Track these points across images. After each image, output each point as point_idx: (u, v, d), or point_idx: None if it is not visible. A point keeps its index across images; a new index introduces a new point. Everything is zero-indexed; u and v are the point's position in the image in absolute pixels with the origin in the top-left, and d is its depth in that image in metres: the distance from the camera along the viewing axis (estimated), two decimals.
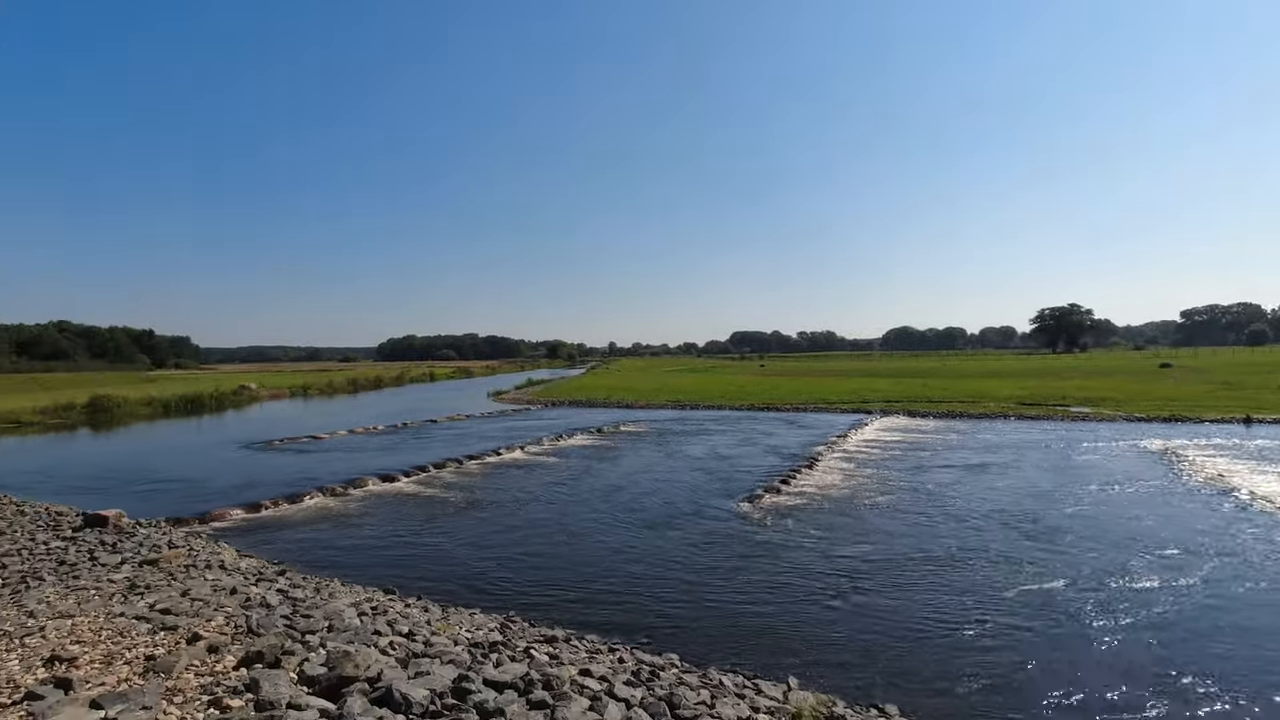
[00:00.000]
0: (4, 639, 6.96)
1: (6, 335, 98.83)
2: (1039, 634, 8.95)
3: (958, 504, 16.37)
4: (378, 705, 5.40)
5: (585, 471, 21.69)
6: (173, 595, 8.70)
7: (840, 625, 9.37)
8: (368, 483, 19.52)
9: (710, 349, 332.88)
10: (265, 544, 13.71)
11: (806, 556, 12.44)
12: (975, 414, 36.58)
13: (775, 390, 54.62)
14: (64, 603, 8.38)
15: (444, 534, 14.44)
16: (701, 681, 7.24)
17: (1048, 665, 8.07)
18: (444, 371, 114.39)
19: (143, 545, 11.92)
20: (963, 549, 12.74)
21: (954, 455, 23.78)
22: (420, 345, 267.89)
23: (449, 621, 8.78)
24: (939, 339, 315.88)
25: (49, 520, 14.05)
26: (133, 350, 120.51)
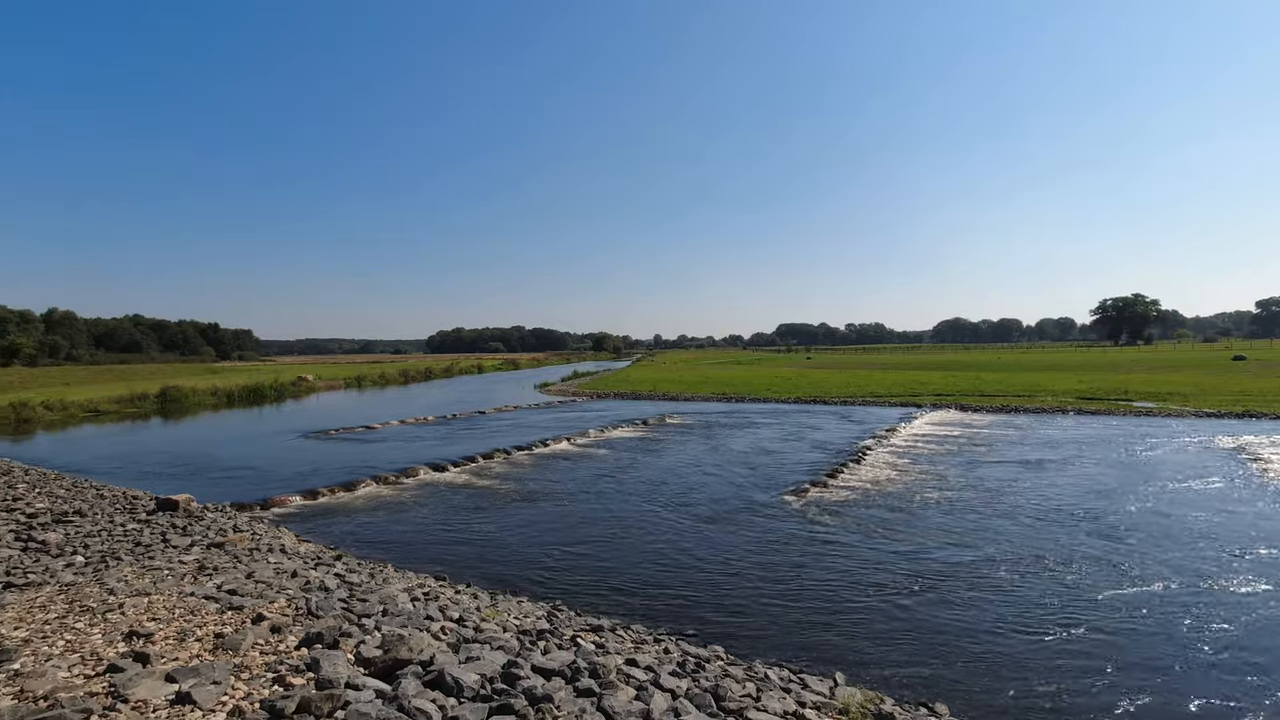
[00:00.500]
0: (88, 614, 7.42)
1: (86, 329, 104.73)
2: (1103, 639, 8.62)
3: (1015, 501, 15.87)
4: (431, 688, 5.57)
5: (631, 463, 21.81)
6: (238, 577, 9.12)
7: (889, 622, 9.22)
8: (419, 472, 20.04)
9: (755, 341, 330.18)
10: (323, 530, 14.24)
11: (853, 551, 12.26)
12: (1031, 408, 35.32)
13: (822, 383, 53.81)
14: (140, 581, 8.88)
15: (492, 523, 14.74)
16: (747, 674, 7.23)
17: (1114, 673, 7.78)
18: (492, 364, 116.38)
19: (210, 529, 12.53)
20: (1021, 548, 12.36)
21: (1010, 451, 23.04)
22: (469, 338, 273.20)
23: (497, 608, 8.97)
24: (993, 331, 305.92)
25: (126, 504, 14.88)
26: (199, 342, 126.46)
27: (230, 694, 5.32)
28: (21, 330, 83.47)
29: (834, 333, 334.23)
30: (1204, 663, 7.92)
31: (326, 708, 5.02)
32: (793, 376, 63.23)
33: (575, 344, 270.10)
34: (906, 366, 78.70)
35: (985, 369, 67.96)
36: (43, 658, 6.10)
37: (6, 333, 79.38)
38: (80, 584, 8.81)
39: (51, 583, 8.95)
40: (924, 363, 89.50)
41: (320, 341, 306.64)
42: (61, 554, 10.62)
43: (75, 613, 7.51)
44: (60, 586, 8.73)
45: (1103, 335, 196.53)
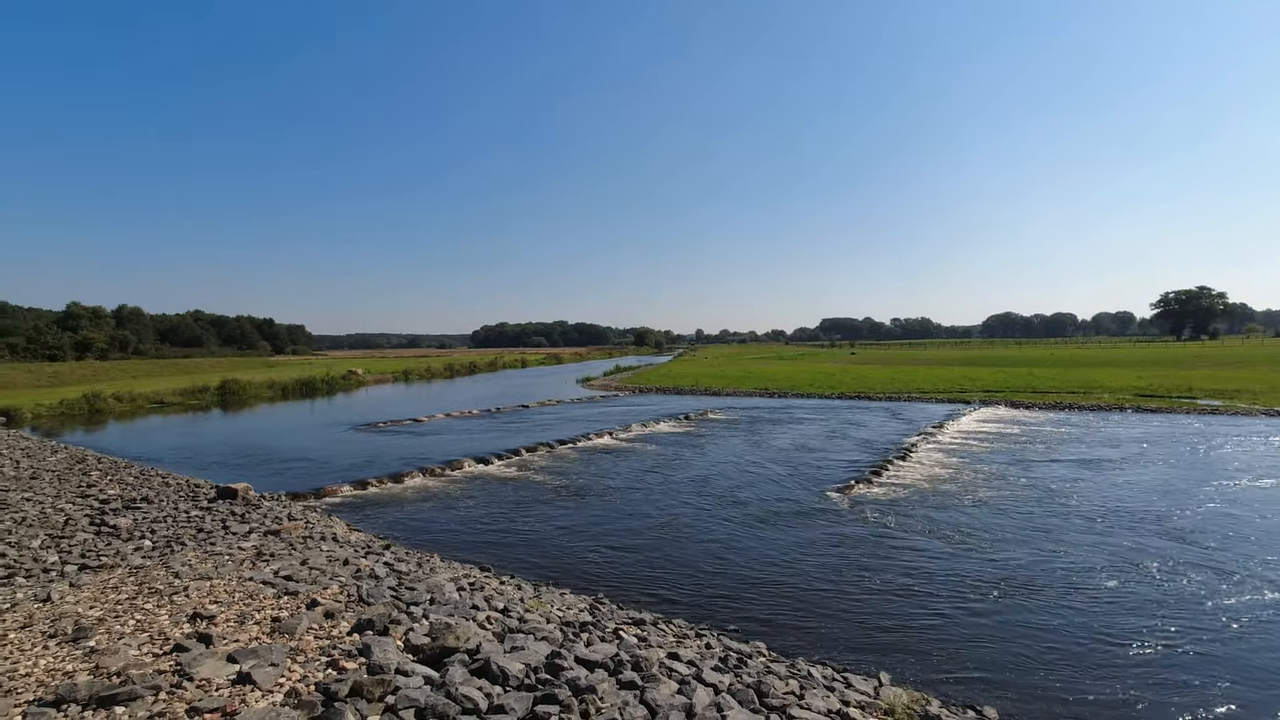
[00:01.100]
0: (155, 596, 7.80)
1: (152, 324, 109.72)
2: (1165, 646, 8.28)
3: (1070, 501, 15.32)
4: (477, 676, 5.68)
5: (673, 458, 21.81)
6: (293, 564, 9.45)
7: (935, 623, 9.01)
8: (464, 464, 20.42)
9: (799, 336, 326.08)
10: (372, 519, 14.65)
11: (898, 549, 12.03)
12: (1087, 406, 34.00)
13: (866, 379, 52.84)
14: (203, 566, 9.29)
15: (535, 516, 14.93)
16: (790, 671, 7.17)
17: (1180, 684, 7.47)
18: (535, 358, 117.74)
19: (266, 517, 13.01)
20: (1077, 550, 11.93)
21: (1064, 449, 22.24)
22: (512, 332, 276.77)
23: (540, 600, 9.09)
24: (1045, 326, 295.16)
25: (189, 491, 15.56)
26: (256, 337, 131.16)
27: (287, 676, 5.52)
28: (94, 326, 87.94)
29: (879, 327, 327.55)
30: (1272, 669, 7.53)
31: (378, 692, 5.17)
32: (836, 372, 62.24)
33: (617, 339, 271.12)
34: (954, 362, 76.61)
35: (1038, 365, 65.67)
36: (115, 636, 6.44)
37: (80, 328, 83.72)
38: (148, 567, 9.26)
39: (122, 565, 9.43)
40: (973, 358, 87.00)
41: (369, 336, 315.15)
42: (131, 538, 11.18)
43: (144, 594, 7.90)
44: (130, 569, 9.19)
45: (1164, 330, 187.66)
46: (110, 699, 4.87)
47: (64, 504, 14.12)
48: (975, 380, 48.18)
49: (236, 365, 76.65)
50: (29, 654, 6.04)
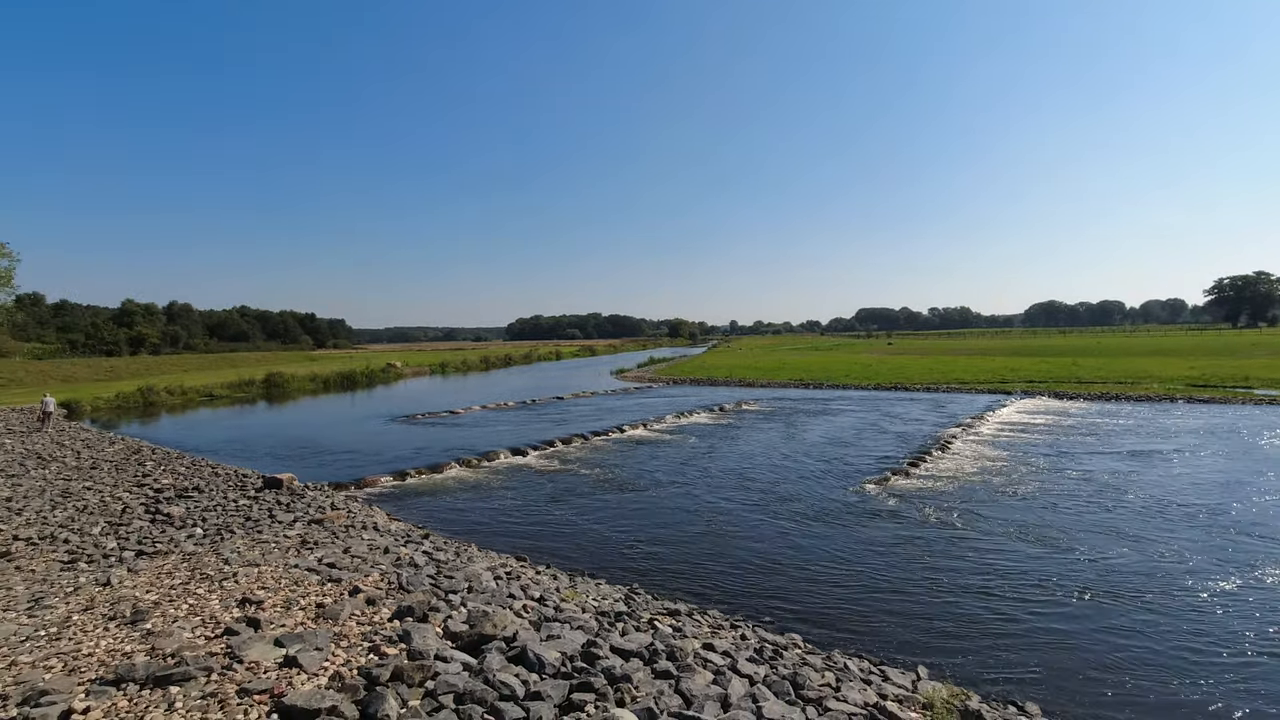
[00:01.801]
0: (207, 581, 8.09)
1: (200, 320, 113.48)
2: (1213, 642, 7.99)
3: (1122, 495, 14.85)
4: (514, 663, 5.77)
5: (708, 449, 21.76)
6: (336, 552, 9.71)
7: (974, 618, 8.84)
8: (500, 456, 20.69)
9: (834, 327, 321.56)
10: (411, 509, 14.95)
11: (936, 543, 11.82)
12: (1135, 396, 32.86)
13: (904, 369, 51.90)
14: (251, 553, 9.60)
15: (570, 506, 15.06)
16: (826, 664, 7.12)
17: (1229, 683, 7.21)
18: (569, 350, 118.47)
19: (310, 506, 13.38)
20: (1124, 546, 11.57)
21: (1112, 441, 21.54)
22: (547, 325, 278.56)
23: (576, 589, 9.18)
24: (1091, 314, 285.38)
25: (237, 481, 16.08)
26: (298, 331, 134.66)
27: (331, 660, 5.69)
28: (147, 322, 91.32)
29: (916, 317, 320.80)
30: None
31: (418, 677, 5.29)
32: (873, 363, 61.27)
33: (651, 330, 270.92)
34: (995, 352, 74.74)
35: (1083, 354, 63.66)
36: (170, 619, 6.71)
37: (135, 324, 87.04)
38: (200, 554, 9.62)
39: (176, 552, 9.81)
40: (1014, 348, 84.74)
41: (406, 330, 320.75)
42: (184, 526, 11.62)
43: (196, 579, 8.21)
44: (183, 555, 9.56)
45: (1219, 317, 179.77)
46: (166, 679, 5.08)
47: (121, 493, 14.73)
48: (1017, 371, 46.94)
49: (280, 359, 78.83)
50: (91, 635, 6.33)
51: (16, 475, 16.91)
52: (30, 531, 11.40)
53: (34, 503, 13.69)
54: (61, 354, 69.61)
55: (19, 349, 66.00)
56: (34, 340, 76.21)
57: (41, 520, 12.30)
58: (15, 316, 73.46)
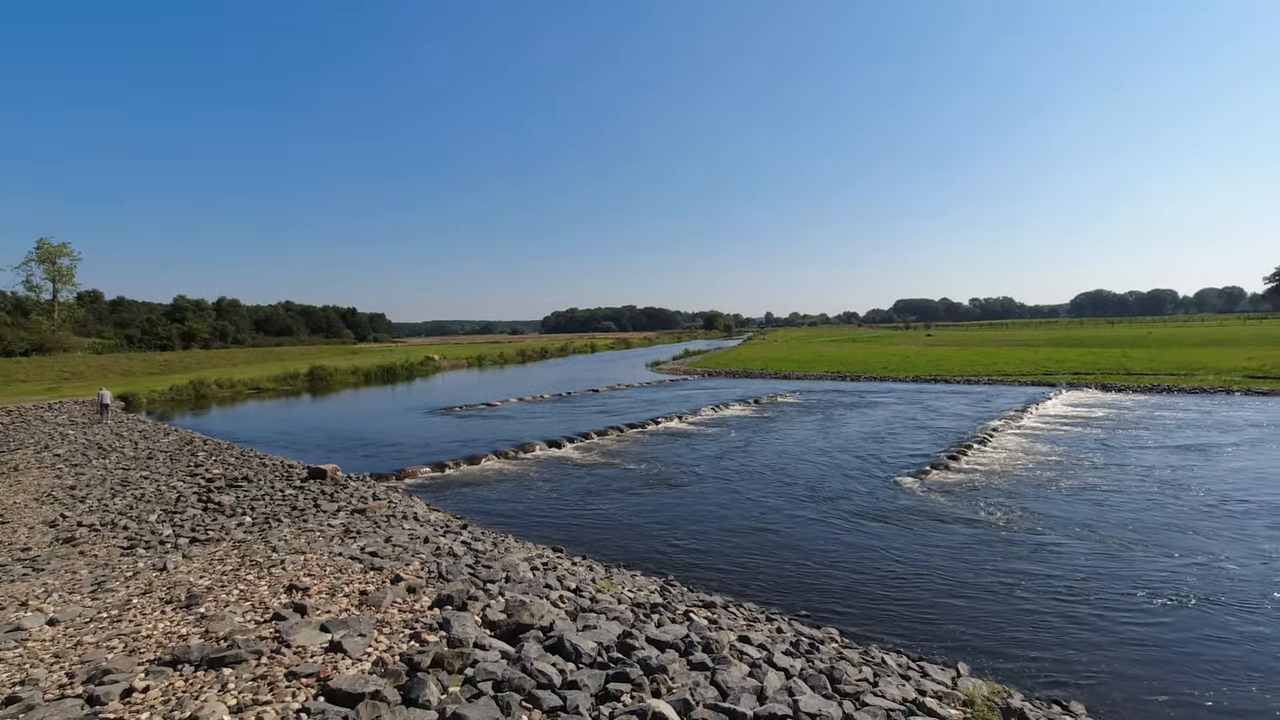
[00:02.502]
0: (256, 568, 8.38)
1: (248, 315, 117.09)
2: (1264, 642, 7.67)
3: (1166, 490, 14.33)
4: (551, 652, 5.85)
5: (743, 442, 21.67)
6: (378, 541, 9.96)
7: (1016, 616, 8.64)
8: (536, 448, 20.92)
9: (872, 318, 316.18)
10: (450, 499, 15.23)
11: (976, 538, 11.58)
12: (1188, 389, 31.59)
13: (943, 361, 50.81)
14: (297, 541, 9.91)
15: (606, 498, 15.16)
16: (863, 658, 7.05)
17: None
18: (604, 343, 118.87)
19: (353, 496, 13.73)
20: (1174, 542, 11.17)
21: (1164, 434, 20.77)
22: (582, 317, 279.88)
23: (612, 580, 9.25)
24: (1141, 304, 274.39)
25: (283, 471, 16.59)
26: (340, 325, 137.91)
27: (374, 646, 5.85)
28: (198, 317, 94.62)
29: (956, 308, 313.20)
30: None
31: (457, 664, 5.40)
32: (911, 354, 60.11)
33: (686, 322, 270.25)
34: (1039, 343, 72.59)
35: (1133, 345, 61.35)
36: (222, 604, 6.97)
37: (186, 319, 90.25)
38: (249, 541, 9.97)
39: (226, 539, 10.18)
40: (1059, 339, 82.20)
41: (444, 323, 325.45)
42: (234, 514, 12.04)
43: (246, 566, 8.51)
44: (233, 543, 9.91)
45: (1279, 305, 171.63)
46: (219, 661, 5.29)
47: (175, 482, 15.33)
48: (1062, 362, 45.54)
49: (323, 353, 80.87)
50: (149, 618, 6.62)
51: (80, 465, 17.73)
52: (93, 518, 11.95)
53: (96, 491, 14.35)
54: (119, 349, 72.55)
55: (80, 344, 69.03)
56: (94, 336, 79.66)
57: (103, 508, 12.89)
58: (77, 313, 76.88)
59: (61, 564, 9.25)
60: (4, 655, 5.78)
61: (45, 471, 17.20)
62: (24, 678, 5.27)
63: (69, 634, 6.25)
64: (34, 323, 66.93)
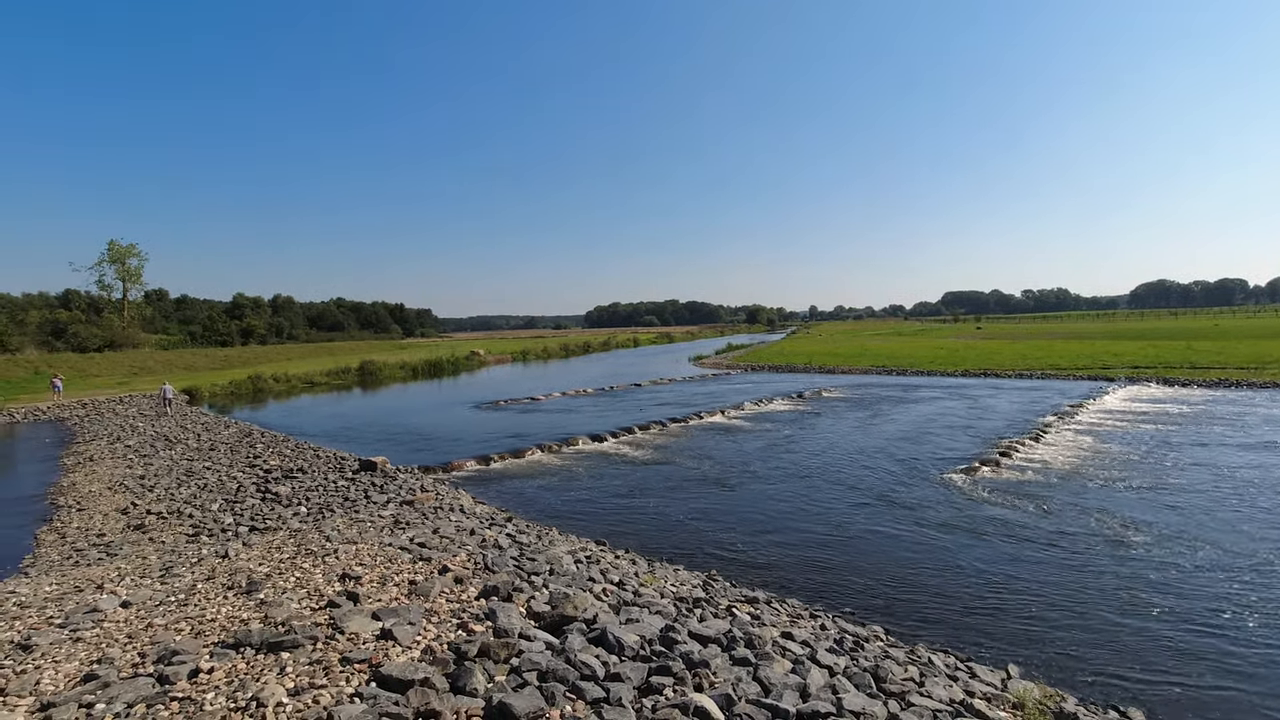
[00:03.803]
0: (311, 556, 8.69)
1: (301, 311, 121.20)
2: None
3: (1231, 490, 13.65)
4: (594, 644, 5.92)
5: (787, 437, 21.46)
6: (426, 532, 10.21)
7: (1070, 618, 8.36)
8: (579, 442, 21.11)
9: (919, 311, 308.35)
10: (495, 492, 15.51)
11: (1026, 536, 11.23)
12: (1260, 383, 29.96)
13: (994, 355, 49.31)
14: (349, 531, 10.24)
15: (649, 492, 15.22)
16: (909, 658, 6.93)
17: None
18: (647, 337, 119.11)
19: (402, 488, 14.11)
20: (1238, 545, 10.65)
21: (1232, 432, 19.77)
22: (624, 312, 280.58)
23: (654, 574, 9.29)
24: (1208, 295, 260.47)
25: (336, 463, 17.14)
26: (388, 321, 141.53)
27: (423, 634, 6.01)
28: (255, 314, 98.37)
29: (1008, 300, 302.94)
30: None
31: (503, 654, 5.52)
32: (960, 348, 58.52)
33: (729, 317, 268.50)
34: (1095, 336, 69.78)
35: (1198, 337, 58.43)
36: (280, 590, 7.26)
37: (244, 316, 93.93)
38: (304, 530, 10.34)
39: (283, 528, 10.58)
40: (1118, 331, 78.85)
41: (489, 318, 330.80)
42: (290, 504, 12.51)
43: (301, 555, 8.83)
44: (290, 532, 10.30)
45: None
46: (278, 645, 5.52)
47: (236, 472, 16.00)
48: (1120, 356, 43.72)
49: (373, 348, 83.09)
50: (213, 602, 6.94)
51: (149, 455, 18.66)
52: (161, 506, 12.58)
53: (163, 480, 15.09)
54: (183, 344, 75.96)
55: (148, 340, 72.56)
56: (160, 332, 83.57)
57: (170, 496, 13.55)
58: (145, 311, 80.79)
59: (133, 549, 9.77)
60: (83, 635, 6.15)
61: (118, 461, 18.15)
62: (100, 656, 5.60)
63: (140, 616, 6.60)
64: (106, 320, 70.61)
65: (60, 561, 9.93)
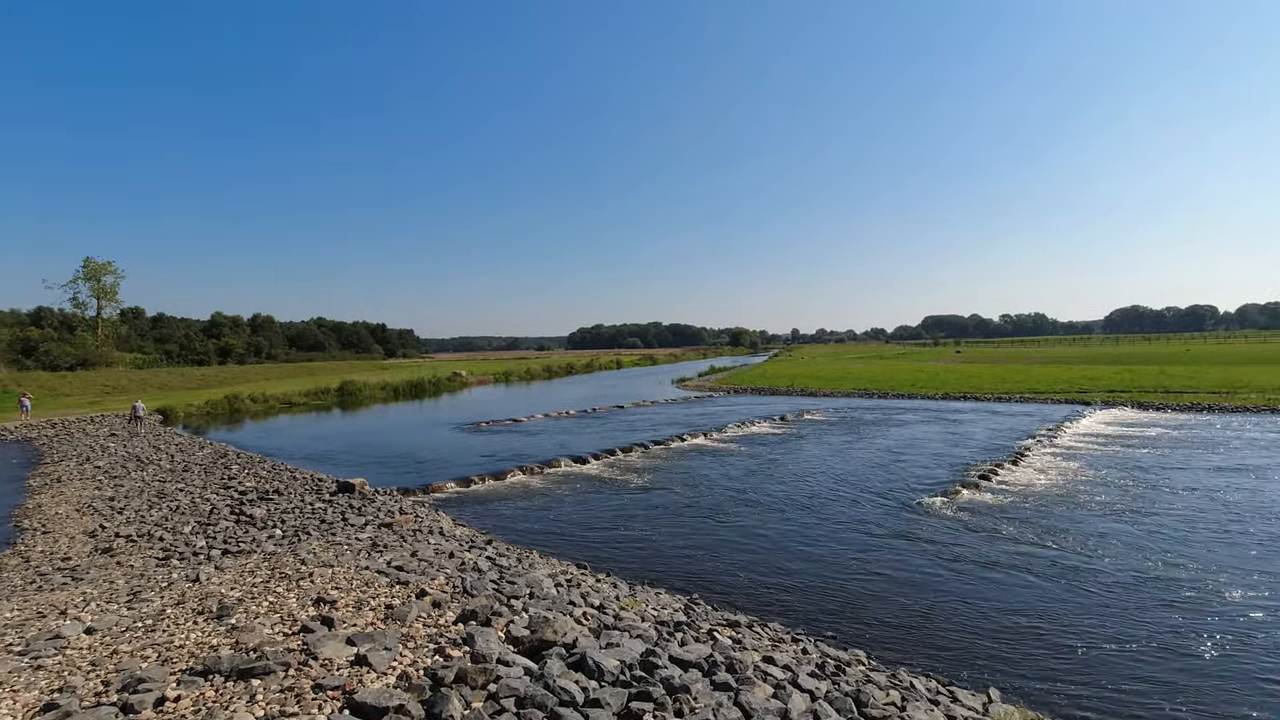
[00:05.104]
0: (285, 580, 8.51)
1: (281, 331, 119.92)
2: None
3: (1204, 513, 13.87)
4: (574, 669, 5.84)
5: (769, 460, 21.49)
6: (404, 555, 10.04)
7: (1049, 641, 8.40)
8: (561, 464, 20.98)
9: (900, 334, 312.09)
10: (475, 515, 15.32)
11: (1008, 561, 11.30)
12: (1230, 407, 30.64)
13: (973, 378, 49.94)
14: (325, 554, 10.04)
15: (631, 515, 15.13)
16: (891, 682, 6.91)
17: None
18: (630, 359, 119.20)
19: (380, 510, 13.90)
20: (1215, 567, 10.79)
21: (1204, 455, 20.12)
22: (608, 334, 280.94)
23: (635, 598, 9.21)
24: (1180, 320, 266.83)
25: (313, 485, 16.87)
26: (370, 341, 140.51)
27: (399, 660, 5.89)
28: (233, 333, 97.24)
29: (987, 324, 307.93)
30: None
31: (481, 680, 5.42)
32: (940, 371, 59.19)
33: (711, 339, 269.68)
34: (1073, 360, 71.02)
35: (1170, 362, 59.67)
36: (252, 615, 7.09)
37: (222, 335, 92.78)
38: (279, 554, 10.13)
39: (257, 551, 10.36)
40: (1094, 356, 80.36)
41: (471, 339, 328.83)
42: (265, 527, 12.27)
43: (275, 578, 8.64)
44: (264, 555, 10.08)
45: None
46: (249, 672, 5.37)
47: (210, 494, 15.68)
48: (1096, 380, 44.48)
49: (354, 368, 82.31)
50: (182, 628, 6.76)
51: (119, 476, 18.24)
52: (130, 529, 12.27)
53: (134, 502, 14.74)
54: (159, 364, 74.73)
55: (122, 359, 71.25)
56: (135, 351, 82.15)
57: (140, 519, 13.23)
58: (120, 329, 79.43)
59: (100, 573, 9.51)
60: (44, 662, 5.94)
61: (86, 483, 17.71)
62: (62, 685, 5.41)
63: (105, 642, 6.40)
64: (79, 339, 69.35)
65: (23, 586, 9.63)
